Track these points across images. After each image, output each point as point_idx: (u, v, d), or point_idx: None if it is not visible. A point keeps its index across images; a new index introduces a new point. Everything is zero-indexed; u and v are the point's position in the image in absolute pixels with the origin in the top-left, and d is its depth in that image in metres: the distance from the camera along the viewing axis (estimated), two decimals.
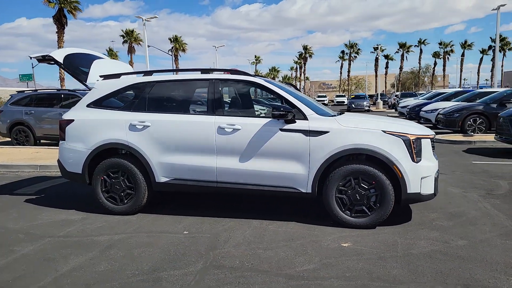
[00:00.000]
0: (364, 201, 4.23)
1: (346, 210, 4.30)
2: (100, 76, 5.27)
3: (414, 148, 4.16)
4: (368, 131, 4.24)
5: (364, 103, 32.70)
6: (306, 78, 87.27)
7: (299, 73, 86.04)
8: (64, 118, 5.16)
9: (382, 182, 4.15)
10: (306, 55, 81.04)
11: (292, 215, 4.75)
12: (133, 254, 3.72)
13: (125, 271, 3.36)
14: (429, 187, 4.24)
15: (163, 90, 5.01)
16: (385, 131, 4.21)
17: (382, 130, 4.22)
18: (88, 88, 5.37)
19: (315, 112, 4.46)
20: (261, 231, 4.27)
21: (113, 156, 4.94)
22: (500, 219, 4.50)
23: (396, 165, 4.11)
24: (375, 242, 3.88)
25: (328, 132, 4.27)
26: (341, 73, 79.76)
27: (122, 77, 5.17)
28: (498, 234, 4.04)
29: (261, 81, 4.79)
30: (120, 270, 3.38)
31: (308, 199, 4.66)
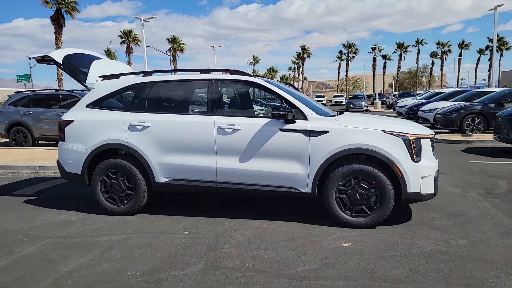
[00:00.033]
0: (364, 201, 4.24)
1: (346, 210, 4.30)
2: (100, 77, 5.26)
3: (414, 148, 4.16)
4: (368, 131, 4.24)
5: (362, 103, 32.79)
6: (304, 78, 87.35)
7: (297, 73, 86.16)
8: (64, 119, 5.14)
9: (382, 182, 4.15)
10: (304, 55, 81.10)
11: (292, 215, 4.75)
12: (133, 255, 3.71)
13: (126, 272, 3.35)
14: (429, 187, 4.25)
15: (163, 91, 5.00)
16: (385, 131, 4.21)
17: (382, 130, 4.22)
18: (88, 89, 5.35)
19: (315, 112, 4.47)
20: (262, 231, 4.26)
21: (113, 157, 4.93)
22: (500, 219, 4.51)
23: (396, 165, 4.11)
24: (376, 242, 3.89)
25: (328, 132, 4.28)
26: (339, 73, 79.91)
27: (122, 78, 5.16)
28: (498, 234, 4.05)
29: (261, 81, 4.79)
30: (121, 271, 3.38)
31: (308, 199, 4.66)
